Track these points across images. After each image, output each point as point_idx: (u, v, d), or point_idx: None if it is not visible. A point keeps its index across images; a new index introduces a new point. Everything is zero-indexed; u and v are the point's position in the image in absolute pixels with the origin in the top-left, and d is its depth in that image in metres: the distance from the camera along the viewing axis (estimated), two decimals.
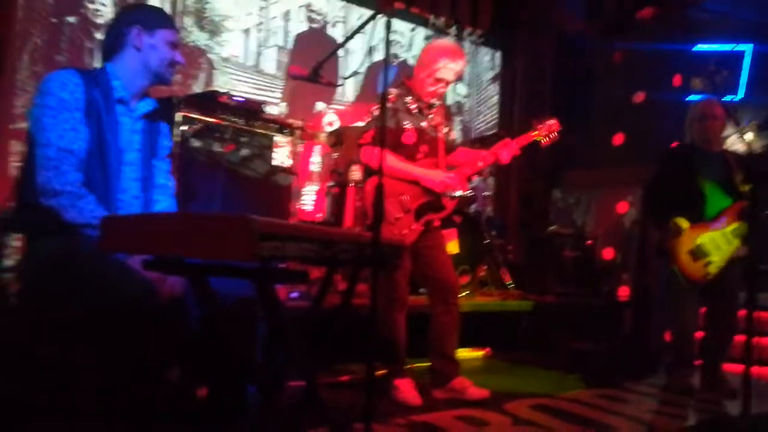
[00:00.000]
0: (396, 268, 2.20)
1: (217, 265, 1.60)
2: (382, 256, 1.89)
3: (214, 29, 5.00)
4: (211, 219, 1.44)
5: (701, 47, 6.51)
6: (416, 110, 3.02)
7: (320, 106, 5.58)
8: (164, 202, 2.13)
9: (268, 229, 1.43)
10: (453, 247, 4.33)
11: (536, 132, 3.12)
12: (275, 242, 1.44)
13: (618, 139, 5.98)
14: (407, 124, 2.97)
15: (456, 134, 6.91)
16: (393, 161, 2.91)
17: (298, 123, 4.15)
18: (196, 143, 3.38)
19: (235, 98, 3.58)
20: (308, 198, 5.34)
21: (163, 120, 2.20)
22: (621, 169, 5.82)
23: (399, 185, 2.94)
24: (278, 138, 3.85)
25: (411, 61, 6.04)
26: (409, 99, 3.01)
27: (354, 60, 5.64)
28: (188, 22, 4.89)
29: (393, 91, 2.98)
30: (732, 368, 3.48)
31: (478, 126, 6.98)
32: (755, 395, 2.25)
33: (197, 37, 4.91)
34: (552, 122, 3.13)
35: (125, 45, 2.08)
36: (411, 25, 6.25)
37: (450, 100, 6.71)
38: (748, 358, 2.09)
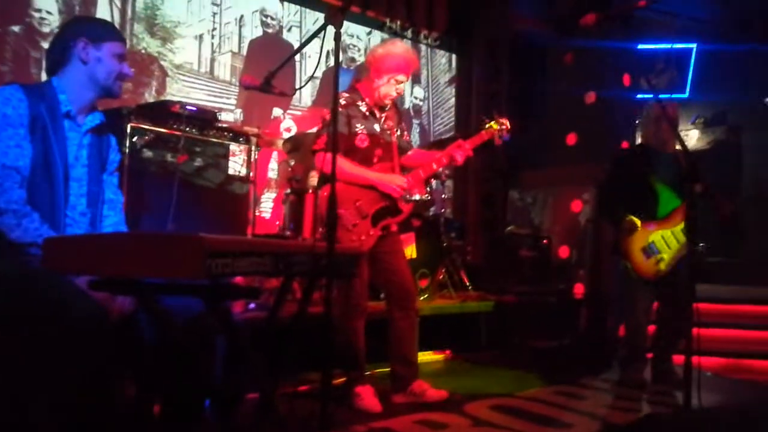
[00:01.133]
0: (353, 276, 2.22)
1: (166, 284, 1.59)
2: (337, 267, 1.91)
3: (165, 36, 4.94)
4: (159, 238, 1.44)
5: (648, 46, 6.71)
6: (368, 114, 3.04)
7: (277, 111, 5.56)
8: (113, 218, 2.10)
9: (218, 247, 1.43)
10: (411, 251, 4.36)
11: (488, 131, 3.16)
12: (225, 259, 1.44)
13: (571, 138, 6.10)
14: (360, 129, 2.98)
15: (413, 137, 7.02)
16: (347, 166, 2.91)
17: (254, 130, 4.13)
18: (147, 154, 3.34)
19: (188, 107, 3.55)
20: (267, 206, 5.33)
21: (111, 133, 2.18)
22: (575, 168, 5.94)
23: (355, 191, 2.95)
24: (234, 146, 3.82)
25: None
26: (360, 103, 3.03)
27: (311, 64, 5.63)
28: (139, 29, 4.81)
29: (344, 96, 2.99)
30: (680, 360, 3.60)
31: (437, 129, 7.05)
32: (700, 387, 2.34)
33: (148, 43, 4.85)
34: (503, 121, 3.18)
35: (71, 58, 2.05)
36: (367, 29, 6.29)
37: (407, 103, 6.76)
38: (689, 349, 2.18)
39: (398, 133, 3.16)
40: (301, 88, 5.49)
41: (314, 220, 4.13)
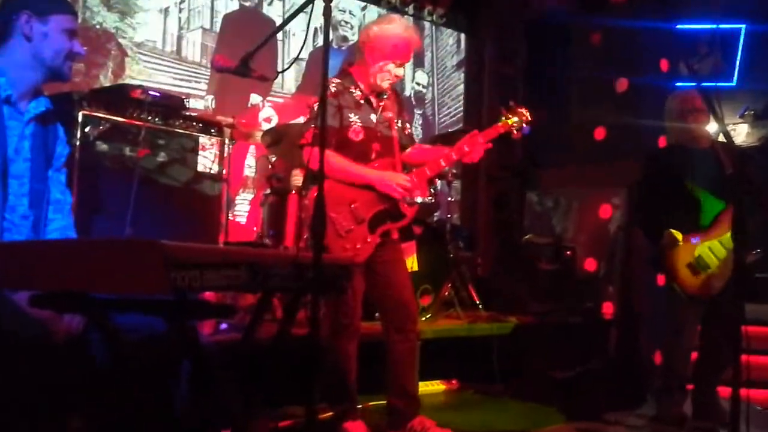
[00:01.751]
0: (343, 291, 2.21)
1: (122, 300, 1.59)
2: (325, 281, 1.90)
3: (125, 9, 4.92)
4: (114, 246, 1.43)
5: (688, 26, 6.72)
6: (363, 102, 3.04)
7: (255, 99, 5.54)
8: (60, 221, 2.09)
9: (184, 256, 1.43)
10: (412, 263, 4.34)
11: (505, 123, 3.16)
12: (192, 271, 1.44)
13: (599, 133, 6.10)
14: (353, 120, 2.99)
15: (415, 131, 7.03)
16: (341, 163, 2.92)
17: (228, 120, 4.12)
18: (102, 147, 3.33)
19: (150, 92, 3.54)
20: (242, 208, 5.31)
21: (59, 122, 2.17)
22: (604, 166, 5.94)
23: (350, 192, 2.95)
24: (204, 139, 3.81)
25: None
26: (353, 90, 3.03)
27: (296, 44, 5.60)
28: (93, 0, 4.81)
29: (335, 82, 2.99)
30: (725, 392, 3.59)
31: (442, 120, 7.06)
32: (749, 423, 2.32)
33: (104, 18, 4.82)
34: (522, 111, 3.19)
35: (12, 34, 2.04)
36: (362, 3, 6.29)
37: (408, 90, 6.77)
38: (737, 379, 2.16)
39: (399, 124, 3.16)
40: (284, 71, 5.48)
41: (298, 225, 4.12)
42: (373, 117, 3.05)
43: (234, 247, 2.65)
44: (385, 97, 3.11)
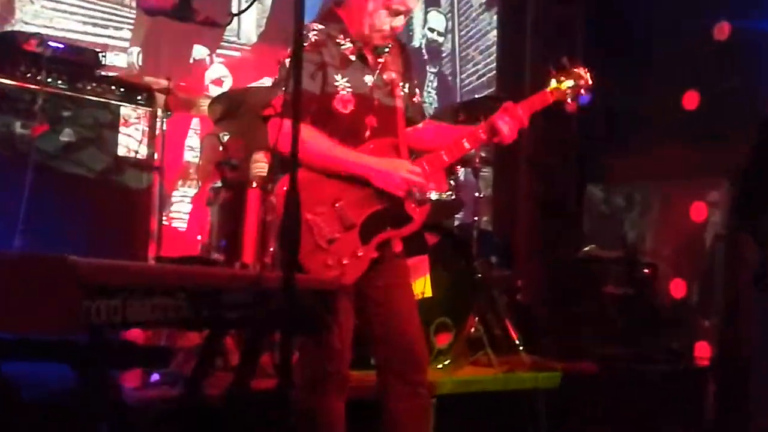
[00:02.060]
0: (325, 327, 2.22)
1: (14, 342, 1.59)
2: (299, 312, 1.94)
3: None
4: (1, 263, 1.43)
5: None
6: (355, 59, 3.06)
7: (200, 51, 5.56)
8: None
9: (100, 278, 1.44)
10: (423, 286, 4.37)
11: (556, 89, 3.18)
12: (112, 299, 1.45)
13: (691, 99, 6.11)
14: (341, 83, 3.00)
15: (429, 97, 6.99)
16: (322, 145, 2.94)
17: (161, 83, 4.10)
18: None
19: (50, 44, 3.54)
20: (182, 208, 5.35)
21: None
22: (697, 148, 5.93)
23: (334, 185, 2.97)
24: (127, 110, 3.80)
25: None
26: (342, 40, 3.05)
27: None
28: None
29: (315, 28, 3.00)
30: None
31: (466, 82, 7.08)
32: None
33: None
34: (581, 72, 3.21)
35: None
36: None
37: (418, 39, 6.80)
38: None
39: (405, 90, 3.19)
40: (240, 13, 5.47)
41: (262, 232, 4.13)
42: (368, 79, 3.07)
43: (170, 265, 2.66)
44: (385, 51, 3.13)
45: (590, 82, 3.21)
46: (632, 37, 6.71)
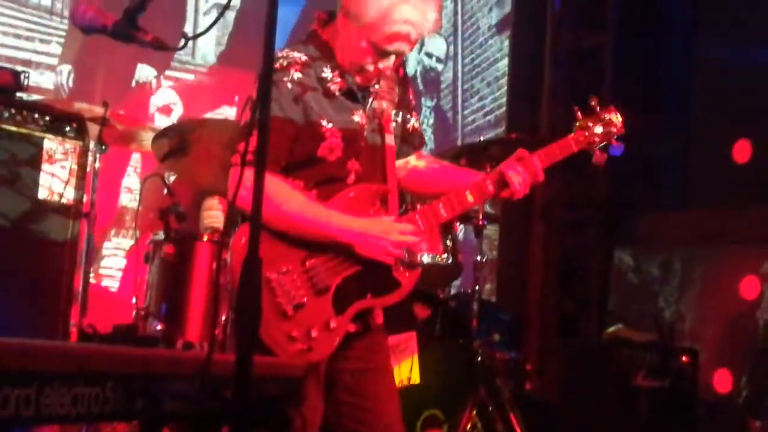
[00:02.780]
0: (287, 423, 2.18)
1: None
2: (256, 405, 1.93)
3: None
4: None
5: None
6: (342, 94, 3.07)
7: (145, 73, 5.63)
8: None
9: (9, 361, 1.43)
10: (409, 370, 4.34)
11: (581, 135, 3.22)
12: (24, 388, 1.44)
13: (742, 150, 6.14)
14: (326, 125, 3.02)
15: (424, 131, 6.97)
16: (293, 204, 2.94)
17: (95, 110, 4.13)
18: None
19: None
20: (113, 263, 5.37)
21: None
22: (749, 209, 5.97)
23: (303, 240, 2.98)
24: (52, 143, 3.80)
25: None
26: (326, 69, 3.06)
27: None
28: None
29: (293, 57, 3.01)
30: None
31: (470, 119, 7.11)
32: None
33: None
34: (613, 116, 3.25)
35: None
36: None
37: (413, 66, 6.83)
38: None
39: (398, 119, 3.22)
40: (198, 36, 5.48)
41: (212, 298, 4.10)
42: (356, 117, 3.09)
43: (97, 346, 2.61)
44: (377, 86, 3.16)
45: (623, 130, 3.25)
46: (671, 73, 6.76)
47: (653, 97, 6.62)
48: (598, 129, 3.21)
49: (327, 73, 3.04)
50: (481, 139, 6.37)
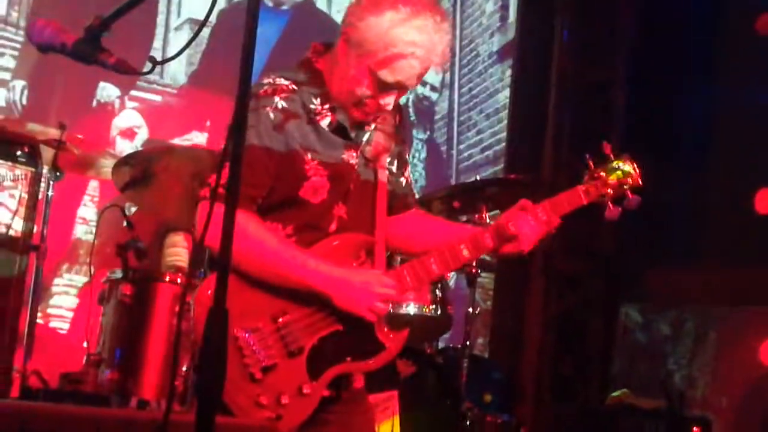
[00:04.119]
0: None
1: None
2: None
3: None
4: None
5: None
6: (332, 127, 3.07)
7: (108, 92, 5.62)
8: None
9: None
10: None
11: (594, 186, 3.21)
12: None
13: (765, 200, 6.16)
14: (311, 161, 3.01)
15: (413, 172, 6.93)
16: (267, 245, 2.91)
17: (50, 132, 4.11)
18: None
19: None
20: (63, 302, 5.32)
21: None
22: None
23: (275, 293, 2.95)
24: (1, 169, 3.83)
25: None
26: (315, 100, 3.05)
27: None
28: None
29: (279, 84, 3.01)
30: None
31: (465, 156, 7.09)
32: None
33: None
34: (628, 166, 3.24)
35: None
36: None
37: (403, 97, 6.79)
38: None
39: (393, 167, 3.24)
40: (168, 60, 5.46)
41: (172, 349, 4.05)
42: (346, 155, 3.08)
43: (42, 405, 2.56)
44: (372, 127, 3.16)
45: (639, 183, 3.24)
46: (687, 113, 6.78)
47: (667, 137, 6.62)
48: (612, 180, 3.20)
49: (315, 104, 3.04)
50: (478, 178, 6.34)
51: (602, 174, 3.20)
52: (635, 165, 3.22)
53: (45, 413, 1.67)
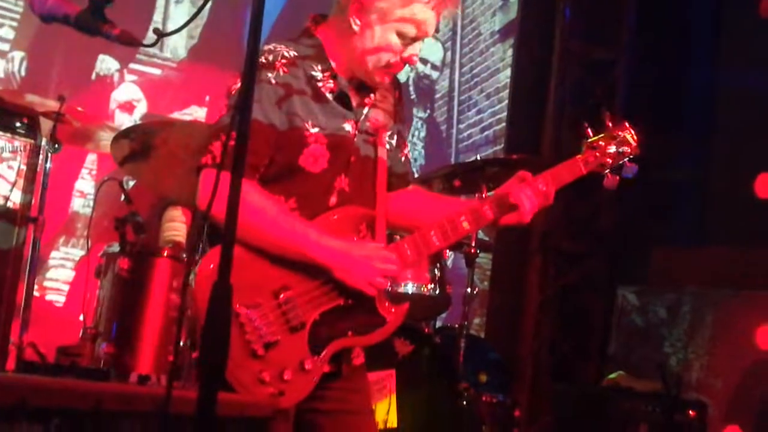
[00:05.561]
0: None
1: None
2: None
3: None
4: None
5: None
6: (335, 98, 3.08)
7: (107, 65, 5.60)
8: None
9: None
10: (385, 413, 4.36)
11: (591, 155, 3.23)
12: None
13: (766, 184, 6.16)
14: (311, 129, 3.01)
15: (413, 149, 6.96)
16: (268, 214, 2.93)
17: (49, 104, 4.10)
18: None
19: None
20: (60, 275, 5.35)
21: None
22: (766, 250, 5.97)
23: (279, 268, 2.96)
24: None
25: None
26: (315, 70, 3.06)
27: None
28: None
29: (279, 52, 3.01)
30: None
31: (465, 135, 7.10)
32: None
33: None
34: (627, 134, 3.27)
35: None
36: None
37: (403, 74, 6.75)
38: None
39: (393, 141, 3.23)
40: (172, 33, 5.44)
41: (174, 325, 4.09)
42: (348, 126, 3.09)
43: (40, 379, 2.56)
44: (374, 93, 3.16)
45: (639, 150, 3.26)
46: (691, 95, 6.78)
47: (670, 115, 6.62)
48: (611, 149, 3.23)
49: (317, 72, 3.05)
50: (478, 157, 6.34)
51: (601, 143, 3.23)
52: (633, 133, 3.26)
53: (45, 386, 1.69)
